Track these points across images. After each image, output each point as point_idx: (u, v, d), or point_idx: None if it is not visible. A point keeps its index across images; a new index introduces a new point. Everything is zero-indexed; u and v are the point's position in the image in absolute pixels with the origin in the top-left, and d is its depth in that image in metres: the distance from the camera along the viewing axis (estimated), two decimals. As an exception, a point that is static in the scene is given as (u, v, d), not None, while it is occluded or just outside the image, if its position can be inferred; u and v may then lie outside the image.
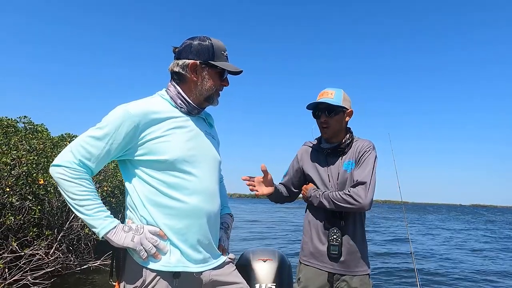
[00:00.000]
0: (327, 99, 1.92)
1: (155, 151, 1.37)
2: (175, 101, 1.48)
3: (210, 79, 1.49)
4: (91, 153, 1.33)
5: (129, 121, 1.34)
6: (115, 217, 1.35)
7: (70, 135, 7.28)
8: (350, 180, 1.90)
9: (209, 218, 1.47)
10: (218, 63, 1.47)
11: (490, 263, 9.86)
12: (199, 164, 1.46)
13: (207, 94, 1.50)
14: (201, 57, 1.47)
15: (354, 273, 1.89)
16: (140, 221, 1.39)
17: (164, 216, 1.38)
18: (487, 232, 20.09)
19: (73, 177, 1.29)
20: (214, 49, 1.47)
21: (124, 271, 1.37)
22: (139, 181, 1.40)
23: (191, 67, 1.47)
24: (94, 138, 1.33)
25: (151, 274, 1.34)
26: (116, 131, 1.33)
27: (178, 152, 1.40)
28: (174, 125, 1.43)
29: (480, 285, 7.35)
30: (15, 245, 3.71)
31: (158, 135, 1.38)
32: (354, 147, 1.96)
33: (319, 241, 1.92)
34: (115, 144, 1.34)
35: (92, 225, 1.30)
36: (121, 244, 1.31)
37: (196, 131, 1.50)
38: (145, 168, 1.39)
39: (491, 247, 13.28)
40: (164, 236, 1.37)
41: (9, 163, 3.95)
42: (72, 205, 1.30)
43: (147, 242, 1.33)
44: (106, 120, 1.36)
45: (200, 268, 1.43)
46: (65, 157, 1.32)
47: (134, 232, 1.33)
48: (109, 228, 1.30)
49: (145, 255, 1.33)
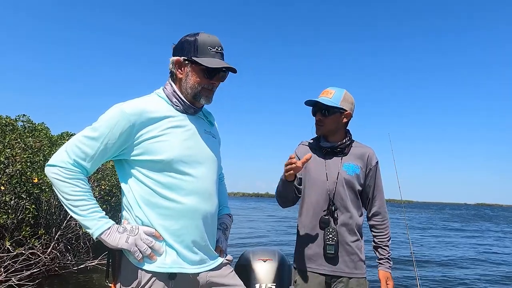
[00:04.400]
0: (323, 99, 1.91)
1: (152, 151, 1.35)
2: (171, 100, 1.45)
3: (194, 75, 1.43)
4: (86, 153, 1.31)
5: (125, 120, 1.32)
6: (114, 216, 1.30)
7: (69, 133, 7.28)
8: (353, 183, 1.91)
9: (205, 219, 1.44)
10: (200, 59, 1.40)
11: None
12: (196, 164, 1.44)
13: (193, 92, 1.45)
14: (184, 53, 1.43)
15: (351, 275, 1.86)
16: (135, 221, 1.37)
17: (159, 216, 1.36)
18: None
19: (68, 177, 1.28)
20: (199, 44, 1.41)
21: (120, 272, 1.35)
22: (135, 181, 1.38)
23: (176, 63, 1.45)
24: (89, 138, 1.31)
25: (147, 275, 1.32)
26: (111, 131, 1.31)
27: (175, 152, 1.37)
28: (171, 125, 1.40)
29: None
30: (8, 244, 3.66)
31: (154, 135, 1.36)
32: (358, 152, 1.97)
33: (315, 243, 1.89)
34: (110, 144, 1.32)
35: (87, 226, 1.28)
36: (115, 245, 1.29)
37: (193, 130, 1.47)
38: (141, 168, 1.37)
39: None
40: (159, 237, 1.35)
41: (3, 161, 3.90)
42: (67, 205, 1.29)
43: (142, 243, 1.31)
44: (101, 120, 1.33)
45: (196, 270, 1.41)
46: (60, 157, 1.30)
47: (128, 233, 1.31)
48: (103, 229, 1.28)
49: (140, 256, 1.31)
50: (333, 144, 1.96)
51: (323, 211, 1.89)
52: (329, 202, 1.89)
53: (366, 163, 1.95)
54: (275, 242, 12.52)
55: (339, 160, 1.94)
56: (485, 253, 12.02)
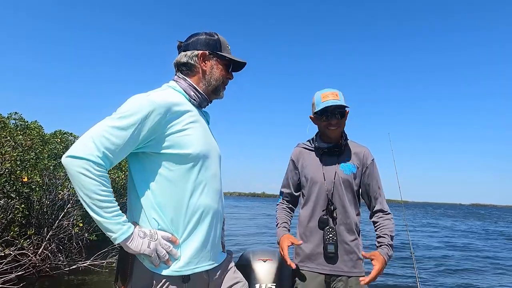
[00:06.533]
0: (339, 101, 1.89)
1: (180, 145, 1.33)
2: (188, 93, 1.47)
3: (219, 68, 1.53)
4: (115, 144, 1.20)
5: (156, 111, 1.27)
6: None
7: (62, 132, 7.16)
8: (350, 182, 1.93)
9: (219, 216, 1.47)
10: (225, 54, 1.53)
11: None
12: (212, 160, 1.45)
13: (216, 84, 1.53)
14: (210, 48, 1.52)
15: (350, 274, 1.87)
16: (150, 222, 1.32)
17: (178, 214, 1.33)
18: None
19: (97, 174, 1.16)
20: (221, 42, 1.54)
21: (132, 276, 1.32)
22: (154, 176, 1.32)
23: (200, 56, 1.50)
24: (118, 128, 1.21)
25: (160, 279, 1.30)
26: (141, 121, 1.24)
27: (199, 147, 1.37)
28: (192, 119, 1.40)
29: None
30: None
31: (180, 128, 1.34)
32: (354, 151, 1.99)
33: (314, 242, 1.91)
34: (138, 135, 1.25)
35: (110, 229, 1.19)
36: (138, 251, 1.24)
37: (205, 126, 1.50)
38: (166, 161, 1.32)
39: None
40: (176, 241, 1.32)
41: (-8, 159, 3.78)
42: (89, 205, 1.17)
43: (161, 248, 1.28)
44: (129, 109, 1.25)
45: (209, 267, 1.41)
46: (88, 148, 1.17)
47: (149, 238, 1.26)
48: (127, 234, 1.22)
49: (158, 261, 1.28)
50: (329, 144, 1.98)
51: (322, 211, 1.91)
52: (327, 202, 1.91)
53: (362, 162, 1.98)
54: (274, 242, 12.44)
55: (335, 160, 1.97)
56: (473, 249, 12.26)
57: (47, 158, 5.44)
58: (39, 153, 5.26)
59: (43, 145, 5.86)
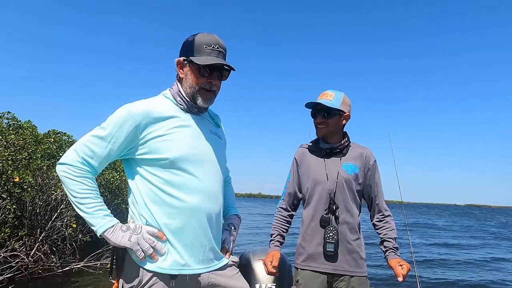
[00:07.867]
0: (324, 101, 1.95)
1: (157, 150, 1.39)
2: (175, 99, 1.50)
3: (192, 75, 1.47)
4: (94, 152, 1.36)
5: (131, 120, 1.36)
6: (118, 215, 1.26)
7: (55, 131, 7.08)
8: (352, 183, 1.95)
9: (210, 219, 1.46)
10: (195, 57, 1.43)
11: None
12: (201, 163, 1.46)
13: (191, 92, 1.48)
14: (183, 53, 1.48)
15: (352, 274, 1.88)
16: (140, 219, 1.40)
17: (164, 214, 1.39)
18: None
19: (76, 175, 1.33)
20: (195, 44, 1.45)
21: (123, 270, 1.39)
22: (140, 179, 1.42)
23: (178, 64, 1.51)
24: (98, 137, 1.37)
25: (148, 274, 1.35)
26: (118, 130, 1.36)
27: (179, 151, 1.41)
28: (177, 124, 1.44)
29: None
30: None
31: (160, 134, 1.40)
32: (356, 152, 2.02)
33: (316, 242, 1.92)
34: (117, 143, 1.37)
35: (91, 223, 1.33)
36: (118, 243, 1.32)
37: (198, 131, 1.51)
38: (147, 166, 1.41)
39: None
40: (162, 237, 1.37)
41: (-18, 159, 3.69)
42: (74, 202, 1.34)
43: (144, 242, 1.34)
44: (110, 120, 1.39)
45: (199, 270, 1.42)
46: (70, 155, 1.36)
47: (131, 231, 1.34)
48: (107, 227, 1.32)
49: (142, 255, 1.34)
50: (332, 145, 2.01)
51: (324, 210, 1.92)
52: (330, 201, 1.92)
53: (365, 163, 2.01)
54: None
55: (338, 160, 1.99)
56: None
57: (41, 158, 5.37)
58: (32, 153, 5.18)
59: (36, 145, 5.78)
